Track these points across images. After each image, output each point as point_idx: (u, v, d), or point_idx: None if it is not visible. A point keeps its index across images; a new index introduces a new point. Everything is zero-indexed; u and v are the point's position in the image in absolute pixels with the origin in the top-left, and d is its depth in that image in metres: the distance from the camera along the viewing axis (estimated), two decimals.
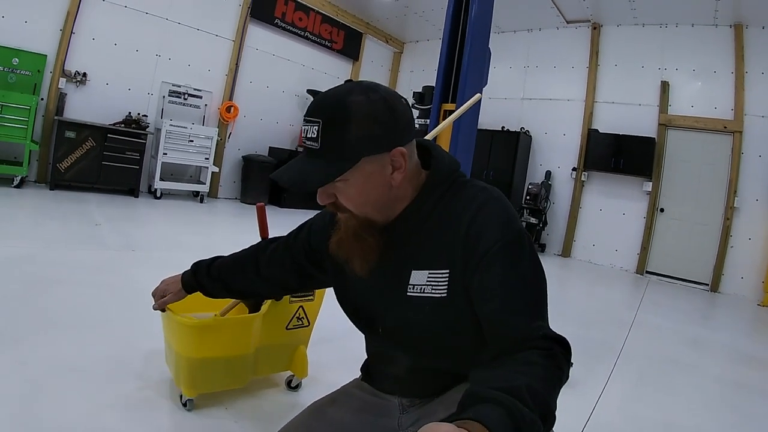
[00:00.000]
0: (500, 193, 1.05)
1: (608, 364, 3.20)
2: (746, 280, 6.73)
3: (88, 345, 2.18)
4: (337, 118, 0.92)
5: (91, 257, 3.62)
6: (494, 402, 0.68)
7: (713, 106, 7.07)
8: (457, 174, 1.08)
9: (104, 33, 6.69)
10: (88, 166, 6.34)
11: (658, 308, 5.33)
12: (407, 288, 1.05)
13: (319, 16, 9.28)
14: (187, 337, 1.71)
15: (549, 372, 0.79)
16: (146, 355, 2.15)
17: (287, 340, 2.01)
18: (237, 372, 1.85)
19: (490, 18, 4.12)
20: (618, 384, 2.87)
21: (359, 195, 0.98)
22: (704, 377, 3.28)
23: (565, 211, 8.31)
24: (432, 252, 1.03)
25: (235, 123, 8.27)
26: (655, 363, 3.44)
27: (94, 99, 6.70)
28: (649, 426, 2.39)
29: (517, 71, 9.12)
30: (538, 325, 0.89)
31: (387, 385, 1.24)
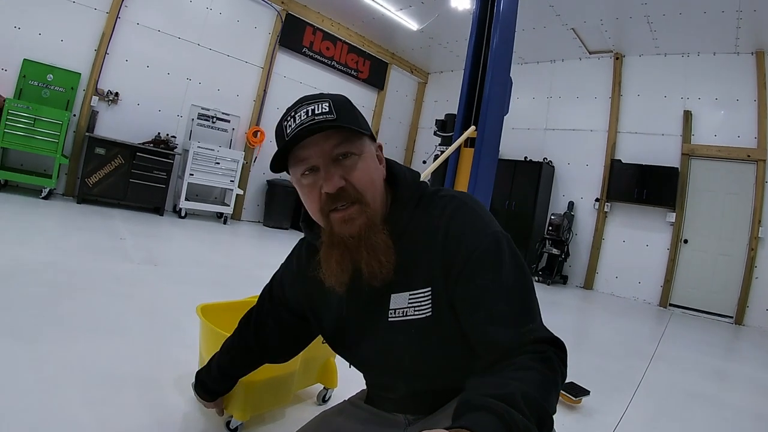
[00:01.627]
0: (470, 198, 1.04)
1: (627, 394, 3.12)
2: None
3: (111, 352, 2.21)
4: (342, 99, 1.00)
5: (114, 269, 3.69)
6: (487, 409, 0.68)
7: (736, 134, 7.00)
8: (421, 186, 1.07)
9: (137, 55, 6.98)
10: (116, 183, 6.53)
11: (680, 341, 5.21)
12: (388, 314, 1.03)
13: (345, 45, 9.51)
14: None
15: (543, 375, 0.79)
16: (174, 367, 2.16)
17: (321, 354, 2.01)
18: (285, 389, 1.83)
19: (511, 47, 4.19)
20: (636, 415, 2.79)
21: (368, 171, 0.99)
22: (724, 409, 3.19)
23: (588, 242, 8.23)
24: (409, 272, 1.00)
25: (261, 147, 8.46)
26: (675, 395, 3.35)
27: (125, 118, 6.95)
28: None
29: (540, 102, 9.17)
30: (528, 329, 0.87)
31: (390, 407, 1.23)
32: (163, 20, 7.15)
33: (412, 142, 11.44)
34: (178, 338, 2.45)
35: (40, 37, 6.17)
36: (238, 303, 2.05)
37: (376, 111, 10.53)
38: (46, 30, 6.21)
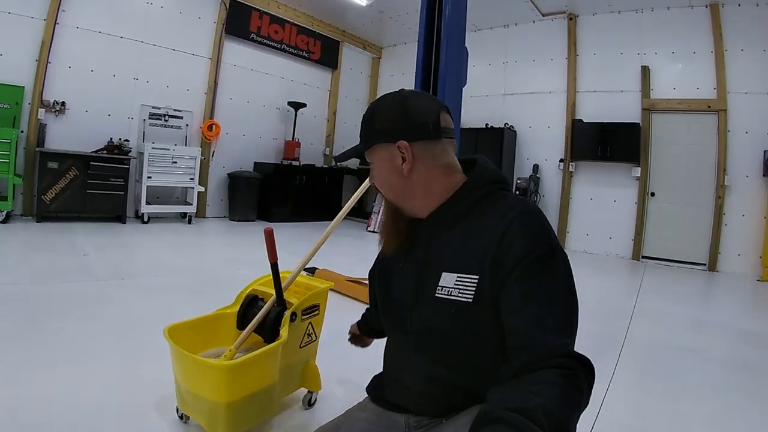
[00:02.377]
0: (539, 209, 1.06)
1: (612, 355, 3.16)
2: (743, 257, 6.77)
3: (87, 383, 2.11)
4: (368, 113, 1.16)
5: (81, 289, 3.55)
6: (507, 423, 0.67)
7: (695, 86, 7.10)
8: (499, 186, 1.12)
9: (80, 60, 6.62)
10: (73, 196, 6.24)
11: (657, 294, 5.32)
12: (436, 289, 1.07)
13: (294, 27, 9.25)
14: (223, 380, 1.60)
15: (567, 393, 0.77)
16: (153, 388, 2.07)
17: (300, 358, 1.98)
18: (269, 401, 1.79)
19: (464, 17, 4.10)
20: (624, 376, 2.83)
21: (379, 177, 1.16)
22: (710, 361, 3.25)
23: (556, 202, 8.30)
24: (463, 256, 1.05)
25: (217, 141, 8.19)
26: (660, 351, 3.39)
27: (75, 127, 6.61)
28: (659, 417, 2.35)
29: (497, 67, 9.13)
30: (564, 342, 0.87)
31: (398, 396, 1.22)
32: (103, 21, 6.77)
33: None
34: (153, 357, 2.33)
35: None
36: (207, 318, 1.94)
37: (331, 91, 10.33)
38: None
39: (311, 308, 1.92)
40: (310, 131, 9.90)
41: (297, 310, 1.82)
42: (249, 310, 1.88)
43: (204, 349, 1.88)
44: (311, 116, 9.81)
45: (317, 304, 1.96)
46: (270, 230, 1.69)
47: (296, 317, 1.82)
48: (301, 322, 1.88)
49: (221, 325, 1.95)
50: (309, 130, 9.82)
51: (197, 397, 1.66)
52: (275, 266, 1.75)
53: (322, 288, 1.95)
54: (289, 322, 1.78)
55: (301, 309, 1.85)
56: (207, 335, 1.92)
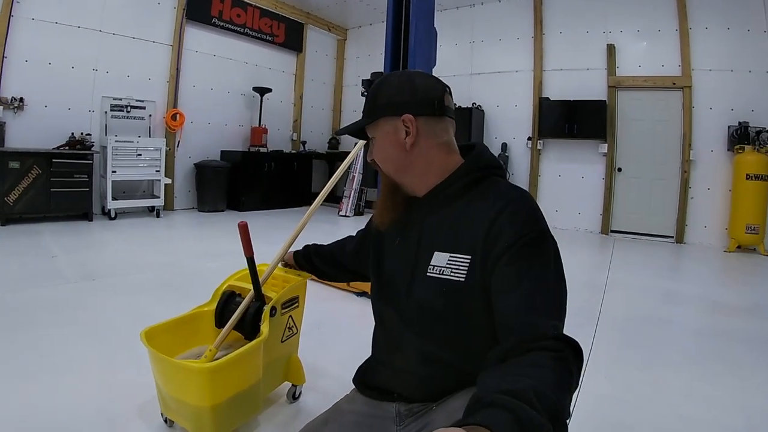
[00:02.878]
0: (531, 196, 1.09)
1: (589, 329, 3.24)
2: (710, 229, 6.99)
3: (66, 391, 2.05)
4: (374, 89, 1.18)
5: (51, 293, 3.44)
6: (501, 406, 0.66)
7: (660, 64, 7.22)
8: (494, 171, 1.16)
9: (37, 54, 6.32)
10: (37, 196, 6.00)
11: (628, 267, 5.45)
12: (428, 268, 1.09)
13: (257, 10, 9.02)
14: (206, 384, 1.55)
15: (558, 375, 0.78)
16: (135, 393, 2.02)
17: (283, 353, 1.96)
18: (253, 400, 1.76)
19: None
20: (602, 349, 2.90)
21: (380, 150, 1.17)
22: (684, 331, 3.35)
23: (525, 180, 8.38)
24: (456, 236, 1.07)
25: (182, 130, 7.97)
26: (636, 323, 3.48)
27: (35, 124, 6.32)
28: (639, 388, 2.42)
29: (463, 47, 9.10)
30: (553, 324, 0.88)
31: (386, 380, 1.23)
32: (60, 11, 6.45)
33: (338, 103, 11.18)
34: (132, 360, 2.27)
35: None
36: (185, 317, 1.88)
37: (297, 74, 10.15)
38: None
39: (290, 301, 1.88)
40: (277, 116, 9.72)
41: (276, 304, 1.78)
42: (227, 307, 1.83)
43: (184, 349, 1.84)
44: (277, 101, 9.64)
45: (296, 297, 1.92)
46: (244, 224, 1.65)
47: (276, 312, 1.78)
48: (281, 316, 1.84)
49: (200, 324, 1.90)
50: (275, 115, 9.64)
51: (180, 402, 1.62)
52: (251, 260, 1.71)
53: (301, 280, 1.90)
54: (269, 318, 1.74)
55: (280, 303, 1.81)
56: (185, 335, 1.87)
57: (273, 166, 8.88)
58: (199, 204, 8.22)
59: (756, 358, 2.90)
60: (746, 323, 3.57)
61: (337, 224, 7.71)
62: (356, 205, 8.72)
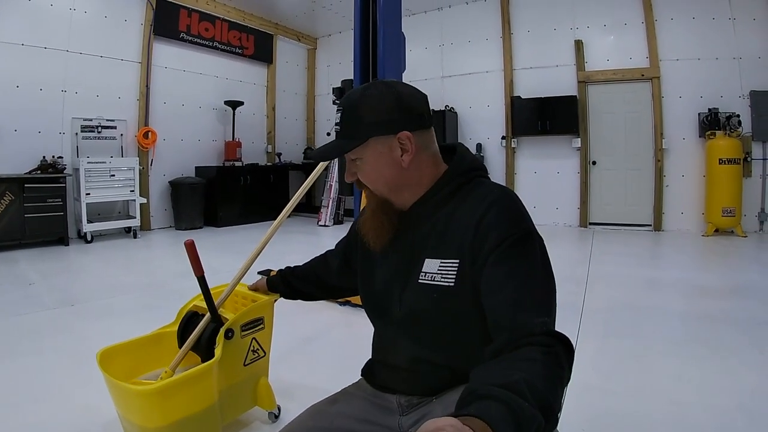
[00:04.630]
0: (515, 195, 1.09)
1: (574, 322, 3.24)
2: (687, 215, 7.11)
3: (43, 423, 2.01)
4: (354, 105, 1.10)
5: (30, 321, 3.38)
6: (494, 398, 0.68)
7: (628, 56, 7.34)
8: (478, 173, 1.15)
9: (4, 76, 6.21)
10: (11, 222, 5.88)
11: (608, 257, 5.51)
12: (419, 275, 1.10)
13: (225, 23, 8.97)
14: (148, 405, 1.53)
15: (549, 369, 0.79)
16: (107, 422, 1.98)
17: (247, 376, 1.89)
18: (207, 426, 1.70)
19: (399, 3, 4.06)
20: (587, 342, 2.90)
21: (373, 171, 1.11)
22: (668, 317, 3.39)
23: (501, 178, 8.43)
24: (444, 242, 1.08)
25: (155, 148, 7.87)
26: (619, 312, 3.51)
27: (4, 148, 6.20)
28: (627, 377, 2.43)
29: (433, 50, 9.16)
30: (543, 321, 0.89)
31: (387, 378, 1.24)
32: (25, 32, 6.35)
33: (312, 112, 11.16)
34: None
35: None
36: (147, 338, 1.86)
37: (268, 86, 10.10)
38: None
39: (253, 322, 1.83)
40: (250, 129, 9.67)
41: (233, 326, 1.74)
42: (187, 327, 1.80)
43: (147, 370, 1.80)
44: (250, 114, 9.59)
45: (260, 318, 1.86)
46: (191, 242, 1.61)
47: (233, 334, 1.74)
48: (241, 338, 1.79)
49: (163, 345, 1.86)
50: (249, 128, 9.59)
51: (131, 423, 1.60)
52: (202, 280, 1.67)
53: (265, 300, 1.85)
54: (224, 340, 1.70)
55: (239, 324, 1.76)
56: (149, 356, 1.83)
57: (249, 179, 8.82)
58: (176, 222, 8.11)
59: (740, 338, 2.94)
60: (728, 304, 3.63)
61: (317, 234, 7.67)
62: (335, 214, 8.69)
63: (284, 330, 3.01)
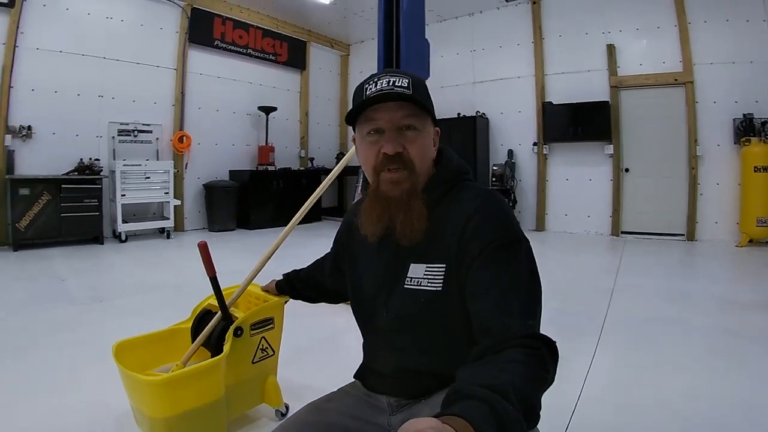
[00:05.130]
0: (501, 197, 1.10)
1: (594, 333, 3.17)
2: (721, 225, 6.87)
3: (62, 411, 2.10)
4: (420, 81, 1.10)
5: (58, 316, 3.52)
6: (478, 398, 0.68)
7: (661, 61, 7.16)
8: (463, 177, 1.16)
9: (43, 82, 6.50)
10: (48, 221, 6.14)
11: (637, 267, 5.37)
12: (405, 280, 1.10)
13: (259, 31, 9.17)
14: (156, 395, 1.61)
15: (533, 371, 0.80)
16: (120, 415, 2.04)
17: (256, 374, 1.95)
18: (213, 419, 1.76)
19: (422, 9, 4.07)
20: (605, 355, 2.82)
21: (423, 148, 1.10)
22: (690, 331, 3.27)
23: (533, 186, 8.36)
24: (431, 246, 1.08)
25: (190, 152, 8.11)
26: (642, 325, 3.40)
27: (43, 151, 6.50)
28: (641, 393, 2.35)
29: (465, 56, 9.14)
30: (528, 324, 0.90)
31: (375, 382, 1.26)
32: (63, 40, 6.65)
33: (344, 118, 11.20)
34: None
35: None
36: (162, 333, 1.94)
37: (302, 92, 10.26)
38: None
39: (263, 322, 1.88)
40: (284, 134, 9.84)
41: (243, 324, 1.79)
42: (200, 325, 1.86)
43: (159, 364, 1.87)
44: (283, 119, 9.75)
45: (270, 318, 1.91)
46: (203, 244, 1.67)
47: (243, 332, 1.79)
48: (250, 337, 1.84)
49: (177, 340, 1.94)
50: (282, 133, 9.76)
51: (140, 413, 1.68)
52: (214, 280, 1.74)
53: (275, 301, 1.90)
54: (232, 337, 1.75)
55: (248, 323, 1.82)
56: (163, 350, 1.91)
57: (281, 183, 8.97)
58: (209, 224, 8.31)
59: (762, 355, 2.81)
60: (756, 319, 3.47)
61: None
62: None
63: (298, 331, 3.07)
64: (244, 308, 1.98)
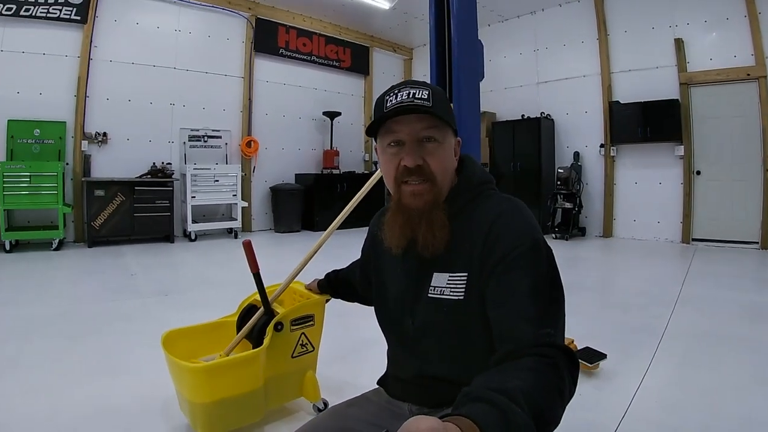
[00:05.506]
0: (524, 205, 1.10)
1: (649, 349, 2.96)
2: None
3: (117, 392, 2.29)
4: (441, 92, 1.10)
5: (125, 307, 3.78)
6: (486, 401, 0.68)
7: (732, 54, 6.70)
8: (486, 186, 1.16)
9: (117, 91, 7.01)
10: (121, 220, 6.62)
11: (706, 277, 5.05)
12: (428, 289, 1.10)
13: (322, 38, 9.42)
14: (196, 382, 1.73)
15: (546, 379, 0.79)
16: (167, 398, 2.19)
17: (295, 368, 2.03)
18: (250, 407, 1.86)
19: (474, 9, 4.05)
20: (660, 369, 2.65)
21: (444, 159, 1.10)
22: (757, 350, 2.96)
23: (600, 190, 8.06)
24: (453, 255, 1.08)
25: (257, 156, 8.46)
26: (703, 340, 3.16)
27: (118, 155, 7.01)
28: (692, 415, 2.16)
29: (528, 56, 8.96)
30: (546, 332, 0.89)
31: (397, 389, 1.27)
32: (135, 52, 7.15)
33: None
34: None
35: (18, 95, 6.26)
36: (209, 325, 2.08)
37: (365, 97, 10.43)
38: (23, 87, 6.29)
39: (303, 318, 1.96)
40: (348, 139, 10.05)
41: (284, 319, 1.88)
42: (245, 318, 1.97)
43: (205, 354, 2.00)
44: (347, 124, 9.96)
45: (311, 315, 1.99)
46: (248, 242, 1.77)
47: (283, 327, 1.88)
48: (290, 332, 1.93)
49: (223, 332, 2.06)
50: (346, 137, 9.97)
51: (182, 397, 1.81)
52: (257, 276, 1.84)
53: (316, 299, 1.96)
54: (272, 331, 1.84)
55: (289, 319, 1.90)
56: (209, 341, 2.04)
57: (345, 186, 9.14)
58: (275, 225, 8.63)
59: None
60: None
61: None
62: None
63: (343, 330, 3.17)
64: (288, 305, 2.07)
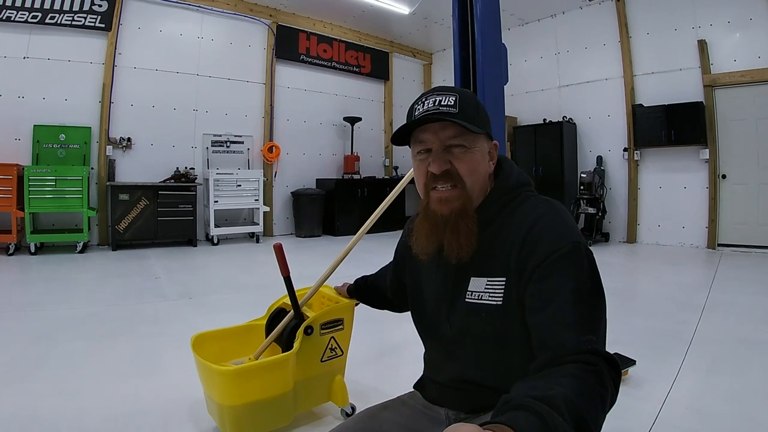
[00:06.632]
0: (563, 206, 1.09)
1: (678, 356, 2.92)
2: None
3: (143, 394, 2.32)
4: (470, 97, 1.10)
5: (150, 309, 3.84)
6: (527, 409, 0.66)
7: (756, 55, 6.56)
8: (524, 188, 1.15)
9: (141, 97, 7.15)
10: (145, 224, 6.73)
11: (733, 284, 4.94)
12: (466, 294, 1.10)
13: (342, 44, 9.49)
14: (225, 385, 1.75)
15: (588, 386, 0.77)
16: (194, 401, 2.21)
17: (324, 372, 2.03)
18: (280, 411, 1.87)
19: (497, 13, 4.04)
20: (688, 378, 2.61)
21: (473, 163, 1.09)
22: None
23: (624, 194, 7.94)
24: (491, 260, 1.07)
25: (279, 161, 8.54)
26: (731, 348, 3.09)
27: (142, 160, 7.14)
28: (722, 422, 2.14)
29: (549, 60, 8.90)
30: (588, 339, 0.86)
31: (435, 393, 1.26)
32: (159, 59, 7.30)
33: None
34: None
35: (44, 101, 6.42)
36: (238, 328, 2.10)
37: (386, 102, 10.47)
38: (48, 93, 6.46)
39: (333, 322, 1.97)
40: (369, 144, 10.11)
41: (314, 323, 1.89)
42: (274, 322, 1.99)
43: (234, 357, 2.02)
44: (368, 129, 10.01)
45: (340, 319, 1.99)
46: (279, 245, 1.79)
47: (312, 331, 1.89)
48: (320, 336, 1.94)
49: (252, 336, 2.09)
50: (367, 142, 10.03)
51: (211, 400, 1.84)
52: (288, 279, 1.85)
53: (346, 303, 1.97)
54: (302, 335, 1.85)
55: (318, 323, 1.91)
56: (238, 344, 2.06)
57: (366, 191, 9.19)
58: (296, 230, 8.70)
59: None
60: None
61: None
62: None
63: (373, 335, 3.18)
64: (317, 308, 2.09)
